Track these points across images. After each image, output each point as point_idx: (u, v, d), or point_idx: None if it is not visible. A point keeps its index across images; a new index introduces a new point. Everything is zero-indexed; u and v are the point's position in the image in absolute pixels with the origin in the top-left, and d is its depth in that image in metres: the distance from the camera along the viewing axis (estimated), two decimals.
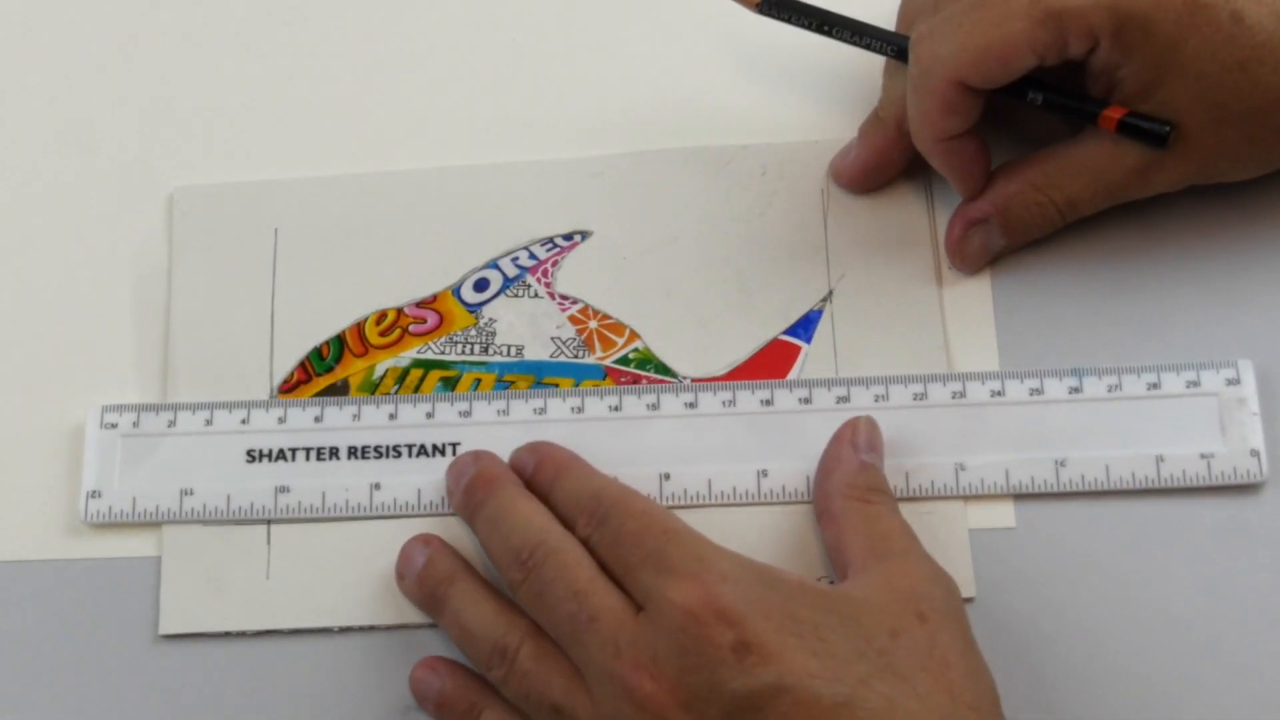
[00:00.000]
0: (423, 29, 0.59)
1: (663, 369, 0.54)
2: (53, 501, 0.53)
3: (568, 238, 0.56)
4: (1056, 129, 0.54)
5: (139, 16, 0.60)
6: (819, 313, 0.54)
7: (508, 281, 0.55)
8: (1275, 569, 0.50)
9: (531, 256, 0.55)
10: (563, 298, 0.55)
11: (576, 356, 0.54)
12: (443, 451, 0.53)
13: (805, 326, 0.54)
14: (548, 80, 0.58)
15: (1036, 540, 0.51)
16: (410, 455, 0.53)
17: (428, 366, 0.54)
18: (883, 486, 0.50)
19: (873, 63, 0.54)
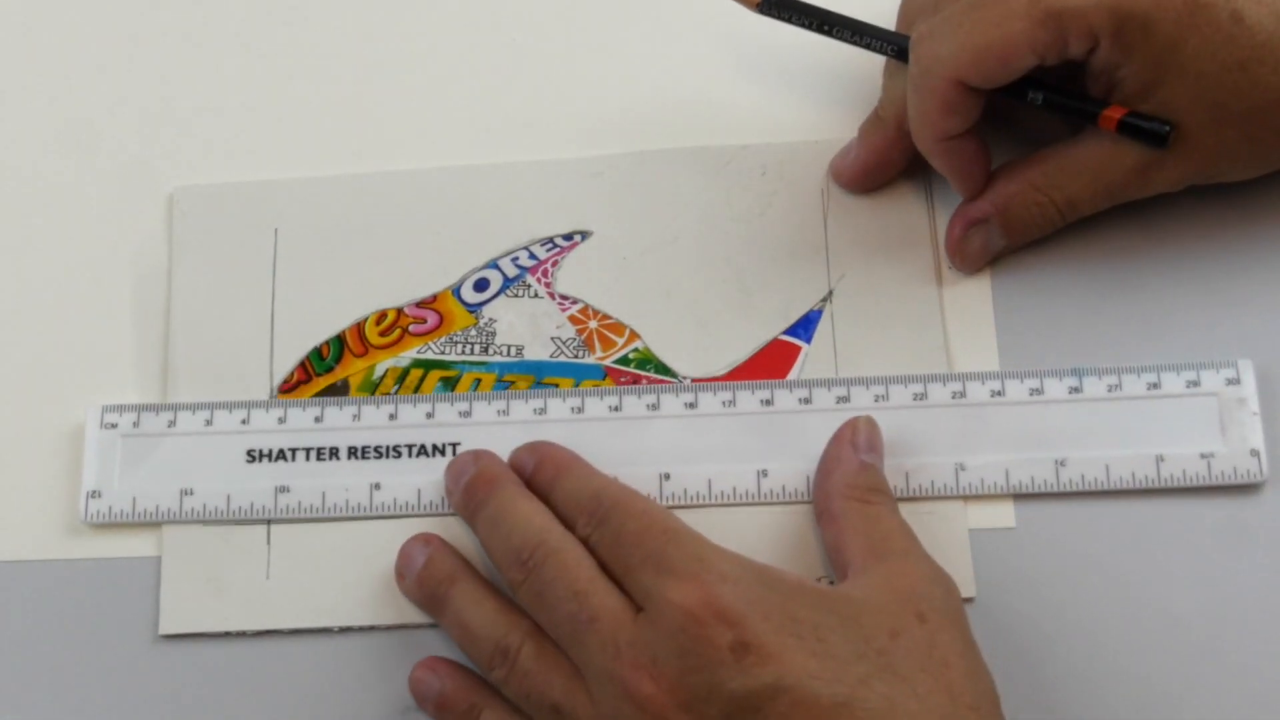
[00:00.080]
0: (423, 29, 0.59)
1: (663, 369, 0.54)
2: (53, 501, 0.53)
3: (568, 238, 0.56)
4: (1056, 129, 0.54)
5: (139, 16, 0.60)
6: (819, 313, 0.54)
7: (508, 281, 0.55)
8: (1275, 569, 0.50)
9: (531, 256, 0.55)
10: (563, 298, 0.55)
11: (576, 356, 0.54)
12: (443, 451, 0.53)
13: (805, 326, 0.54)
14: (548, 80, 0.58)
15: (1036, 540, 0.51)
16: (410, 455, 0.53)
17: (428, 366, 0.54)
18: (882, 487, 0.50)
19: (873, 63, 0.54)
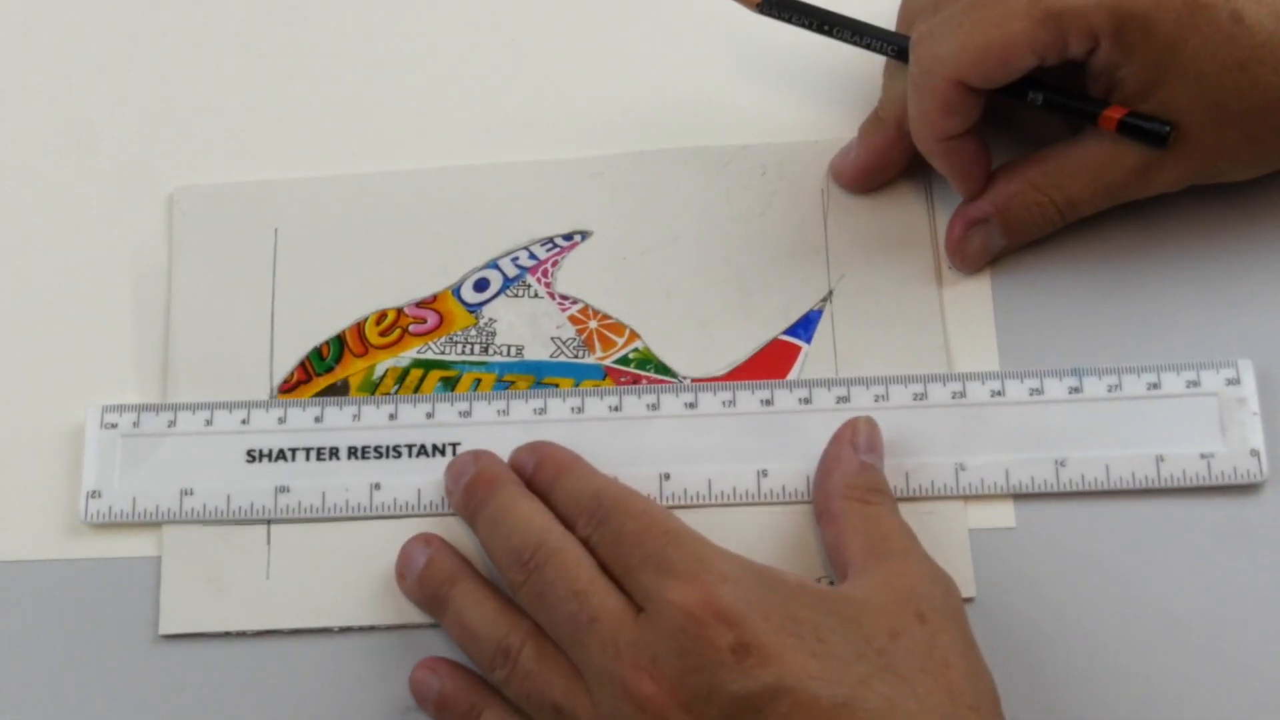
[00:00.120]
0: (423, 29, 0.59)
1: (663, 369, 0.54)
2: (53, 501, 0.53)
3: (568, 238, 0.56)
4: (1056, 129, 0.54)
5: (139, 16, 0.60)
6: (819, 313, 0.54)
7: (508, 281, 0.55)
8: (1275, 569, 0.50)
9: (531, 256, 0.55)
10: (563, 298, 0.55)
11: (576, 356, 0.54)
12: (443, 451, 0.53)
13: (805, 326, 0.54)
14: (548, 80, 0.58)
15: (1036, 540, 0.51)
16: (410, 455, 0.53)
17: (428, 366, 0.54)
18: (882, 487, 0.50)
19: (873, 63, 0.54)
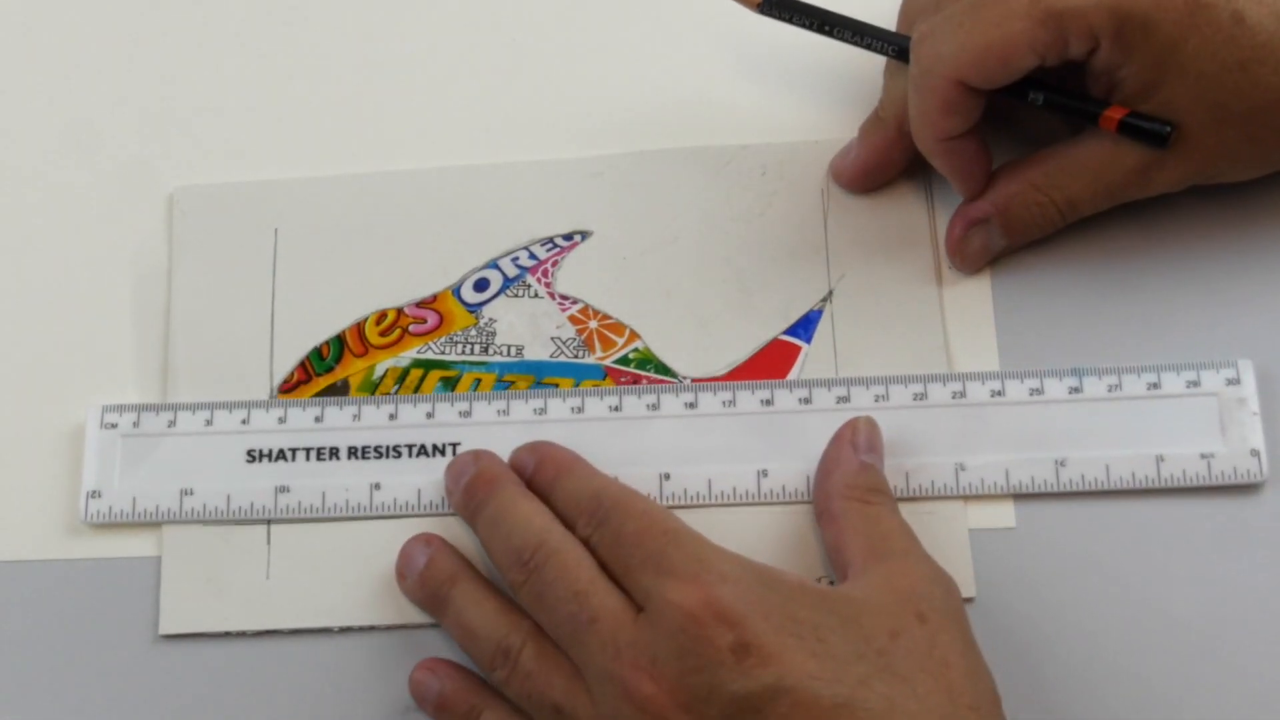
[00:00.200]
0: (423, 29, 0.59)
1: (663, 369, 0.54)
2: (53, 501, 0.53)
3: (568, 238, 0.56)
4: (1057, 129, 0.54)
5: (139, 16, 0.60)
6: (819, 313, 0.54)
7: (508, 281, 0.55)
8: (1275, 569, 0.50)
9: (531, 256, 0.55)
10: (563, 298, 0.55)
11: (576, 356, 0.54)
12: (443, 451, 0.53)
13: (805, 326, 0.54)
14: (548, 80, 0.58)
15: (1036, 540, 0.51)
16: (410, 455, 0.53)
17: (428, 366, 0.54)
18: (882, 487, 0.50)
19: (873, 63, 0.54)
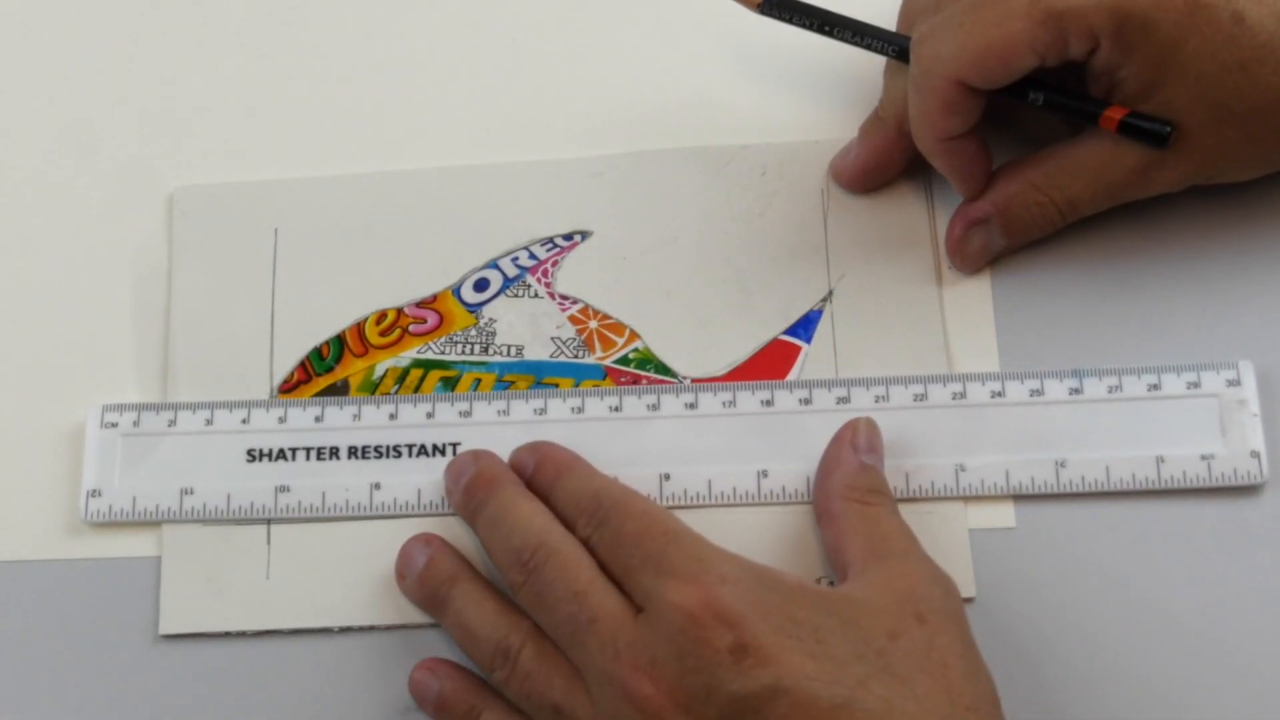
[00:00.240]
0: (423, 29, 0.59)
1: (663, 369, 0.54)
2: (53, 501, 0.53)
3: (568, 238, 0.56)
4: (1057, 129, 0.54)
5: (139, 16, 0.60)
6: (819, 313, 0.54)
7: (508, 281, 0.55)
8: (1275, 569, 0.50)
9: (531, 256, 0.55)
10: (563, 298, 0.55)
11: (576, 356, 0.54)
12: (443, 451, 0.53)
13: (805, 326, 0.54)
14: (548, 80, 0.58)
15: (1036, 541, 0.51)
16: (410, 455, 0.53)
17: (428, 366, 0.54)
18: (882, 488, 0.50)
19: (873, 63, 0.54)
